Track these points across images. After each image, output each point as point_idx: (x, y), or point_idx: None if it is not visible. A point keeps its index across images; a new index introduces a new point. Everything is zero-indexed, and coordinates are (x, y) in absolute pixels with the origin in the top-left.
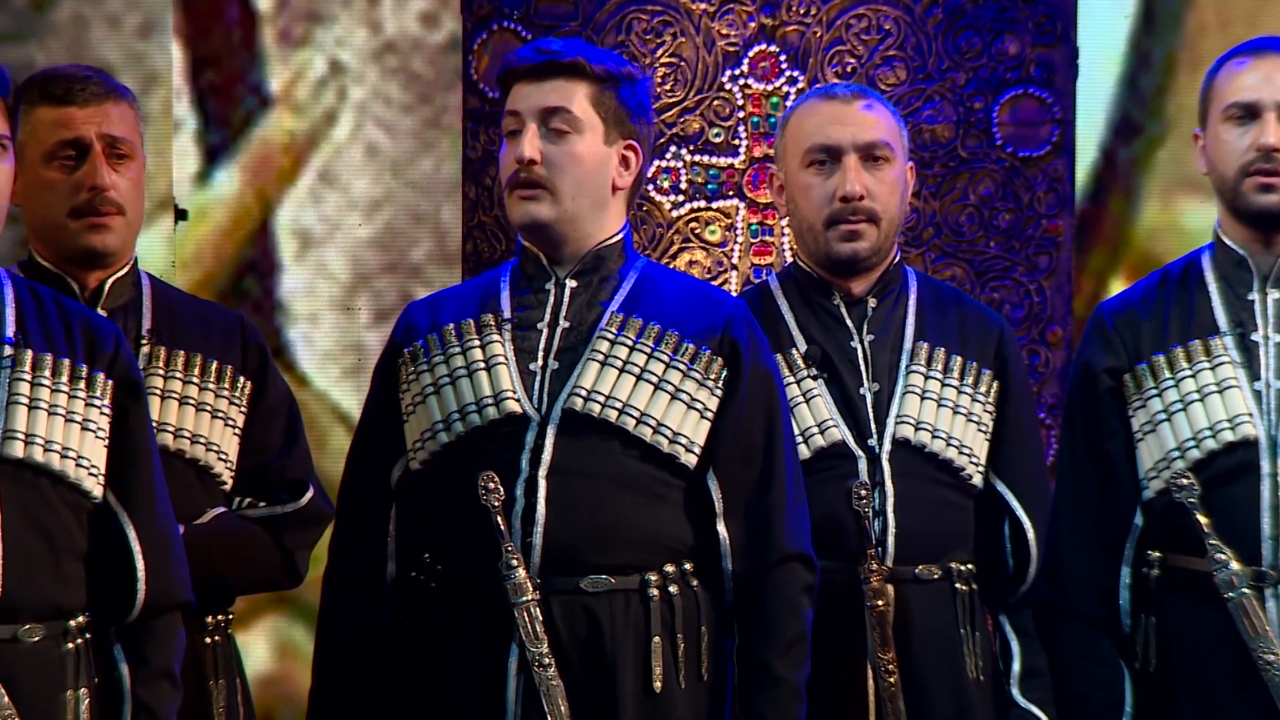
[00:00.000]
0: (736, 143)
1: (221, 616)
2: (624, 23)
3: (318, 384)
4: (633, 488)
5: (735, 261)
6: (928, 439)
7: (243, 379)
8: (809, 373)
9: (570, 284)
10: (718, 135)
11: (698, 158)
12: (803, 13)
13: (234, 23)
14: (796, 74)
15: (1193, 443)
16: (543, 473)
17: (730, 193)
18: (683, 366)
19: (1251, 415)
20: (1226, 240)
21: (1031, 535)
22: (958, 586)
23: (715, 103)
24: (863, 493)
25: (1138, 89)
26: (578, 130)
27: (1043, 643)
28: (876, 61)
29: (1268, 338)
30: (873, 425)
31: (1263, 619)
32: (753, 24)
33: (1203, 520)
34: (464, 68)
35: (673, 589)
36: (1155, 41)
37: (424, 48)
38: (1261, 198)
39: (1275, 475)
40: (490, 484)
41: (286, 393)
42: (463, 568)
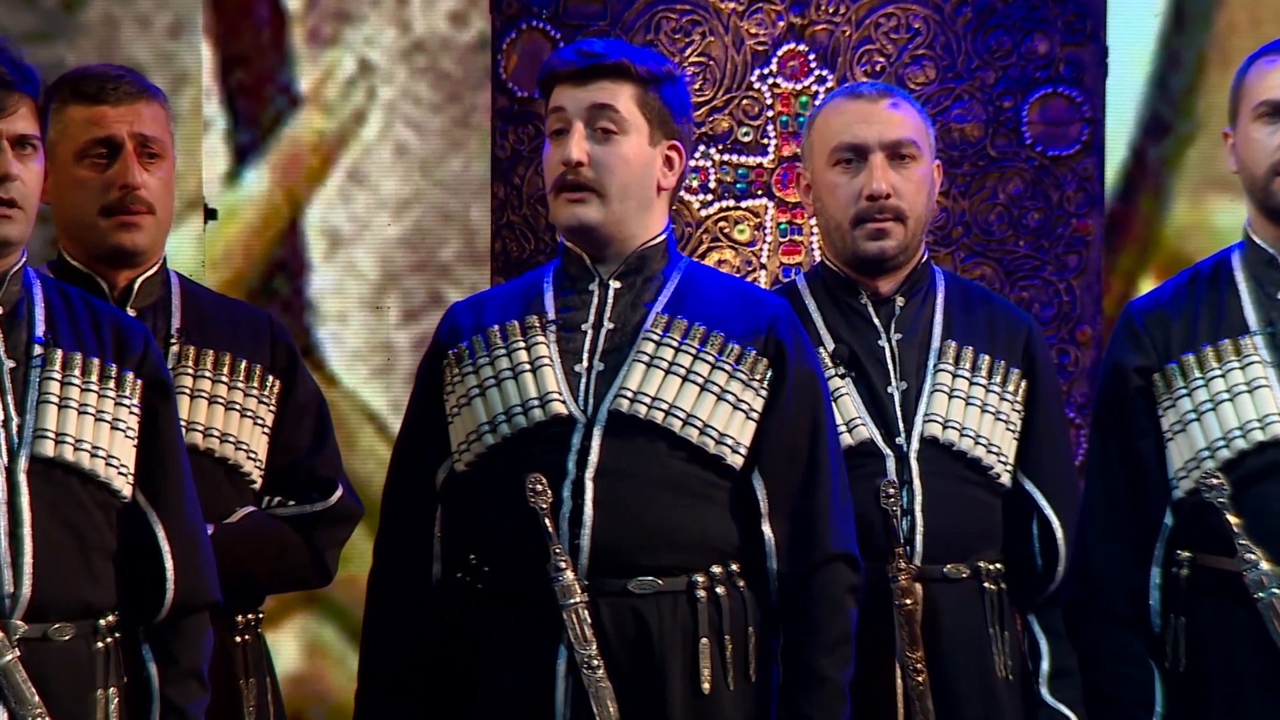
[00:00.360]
0: (765, 142)
1: (251, 615)
2: (653, 22)
3: (347, 383)
4: (679, 489)
5: (764, 261)
6: (956, 437)
7: (271, 378)
8: (837, 372)
9: (614, 285)
10: (746, 134)
11: (727, 157)
12: (832, 11)
13: (264, 22)
14: (825, 73)
15: (1223, 442)
16: (590, 474)
17: (759, 192)
18: (728, 367)
19: None
20: (1256, 239)
21: (1060, 534)
22: (986, 585)
23: (744, 102)
24: (890, 491)
25: (1167, 88)
26: (624, 131)
27: (1072, 642)
28: (906, 60)
29: None
30: (901, 424)
31: None
32: (782, 23)
33: (1233, 520)
34: (493, 67)
35: (719, 590)
36: (1185, 40)
37: (453, 47)
38: None
39: None
40: (538, 486)
41: (315, 391)
42: (510, 570)
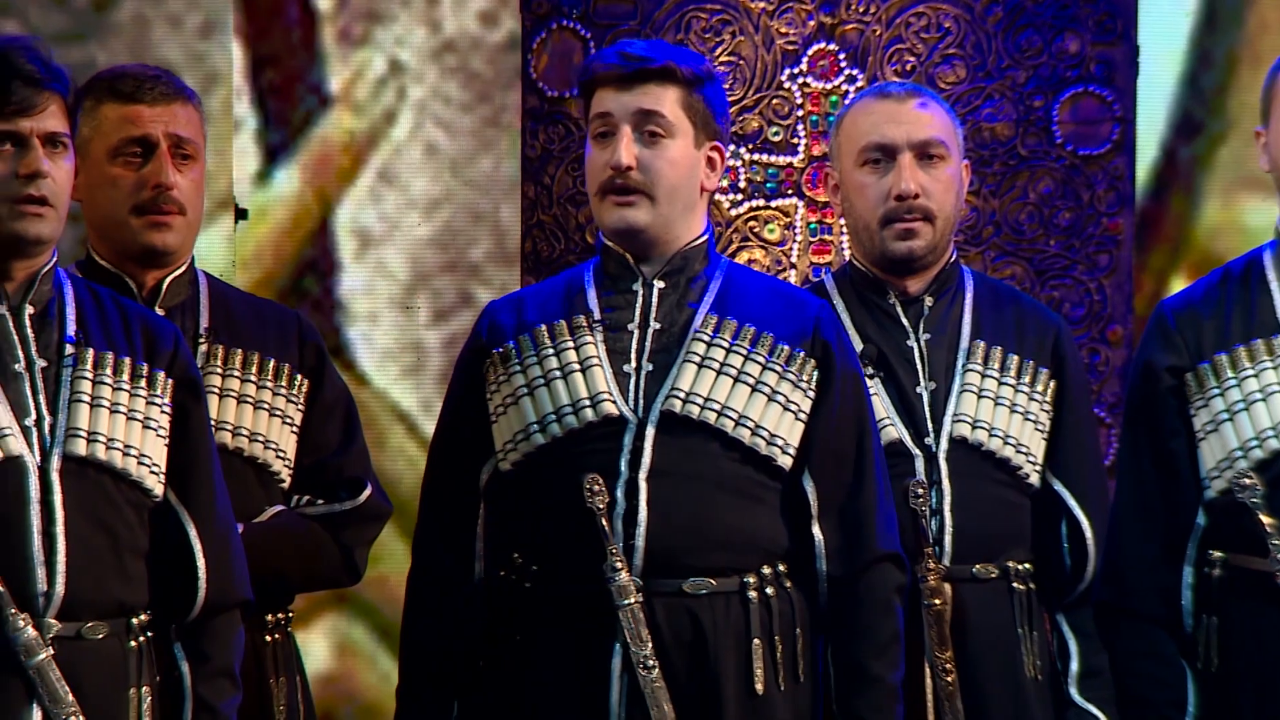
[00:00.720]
0: (795, 141)
1: (281, 615)
2: (683, 21)
3: (377, 383)
4: (731, 490)
5: (794, 260)
6: (985, 437)
7: (300, 377)
8: (865, 372)
9: (658, 285)
10: (776, 134)
11: (756, 156)
12: (862, 11)
13: (294, 22)
14: (856, 72)
15: (1255, 442)
16: (643, 475)
17: (789, 191)
18: (778, 368)
19: None
20: None
21: (1089, 535)
22: (1015, 586)
23: (774, 101)
24: (919, 491)
25: (1199, 87)
26: (670, 135)
27: (1104, 643)
28: (936, 60)
29: None
30: (930, 424)
31: None
32: (812, 22)
33: (1265, 520)
34: (523, 66)
35: (769, 591)
36: (1216, 39)
37: (483, 47)
38: None
39: None
40: (595, 486)
41: (344, 390)
42: (562, 569)
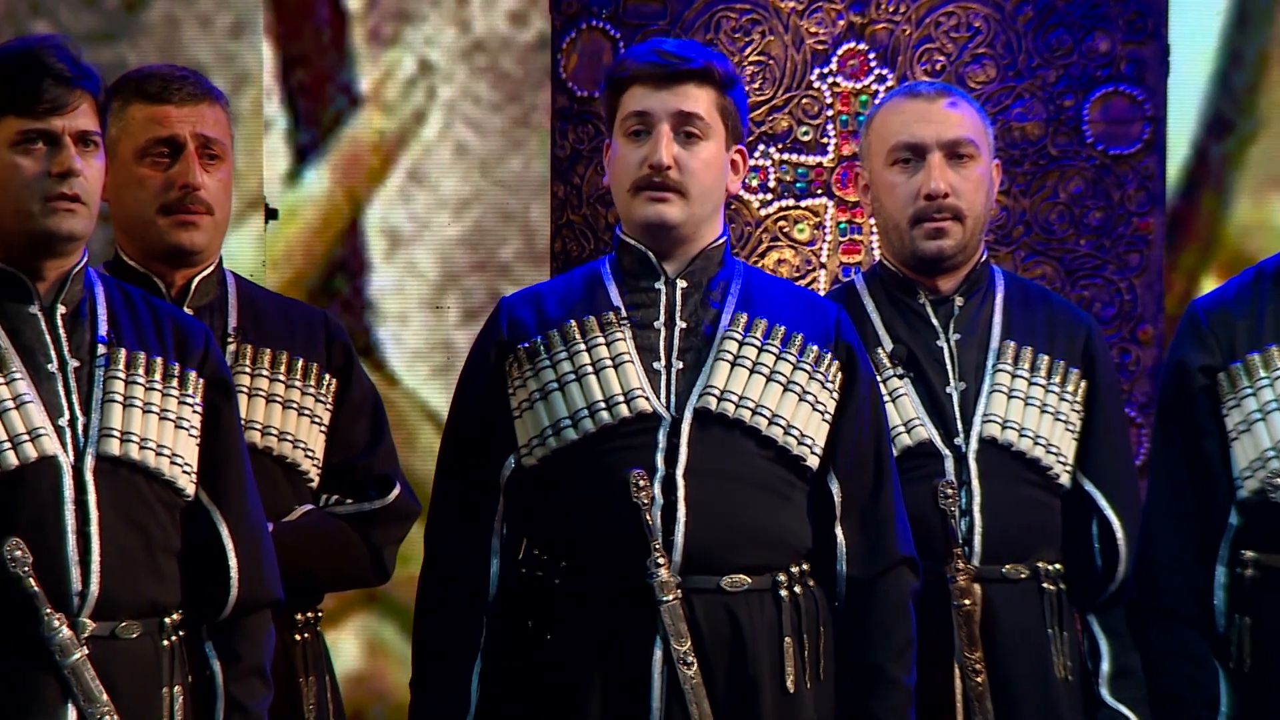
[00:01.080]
0: (825, 141)
1: (311, 614)
2: (713, 21)
3: (407, 383)
4: (762, 488)
5: (824, 260)
6: (1015, 438)
7: (328, 376)
8: (895, 372)
9: (680, 284)
10: (806, 133)
11: (786, 156)
12: (892, 10)
13: (324, 22)
14: (886, 72)
15: None
16: (680, 472)
17: (819, 191)
18: (808, 368)
19: None
20: None
21: (1120, 535)
22: (1045, 586)
23: (804, 101)
24: (949, 492)
25: (1229, 86)
26: (705, 136)
27: (1136, 643)
28: (966, 59)
29: None
30: (959, 424)
31: None
32: (842, 22)
33: None
34: (553, 66)
35: (797, 589)
36: (1247, 38)
37: (513, 46)
38: None
39: None
40: (641, 482)
41: (371, 390)
42: (598, 565)
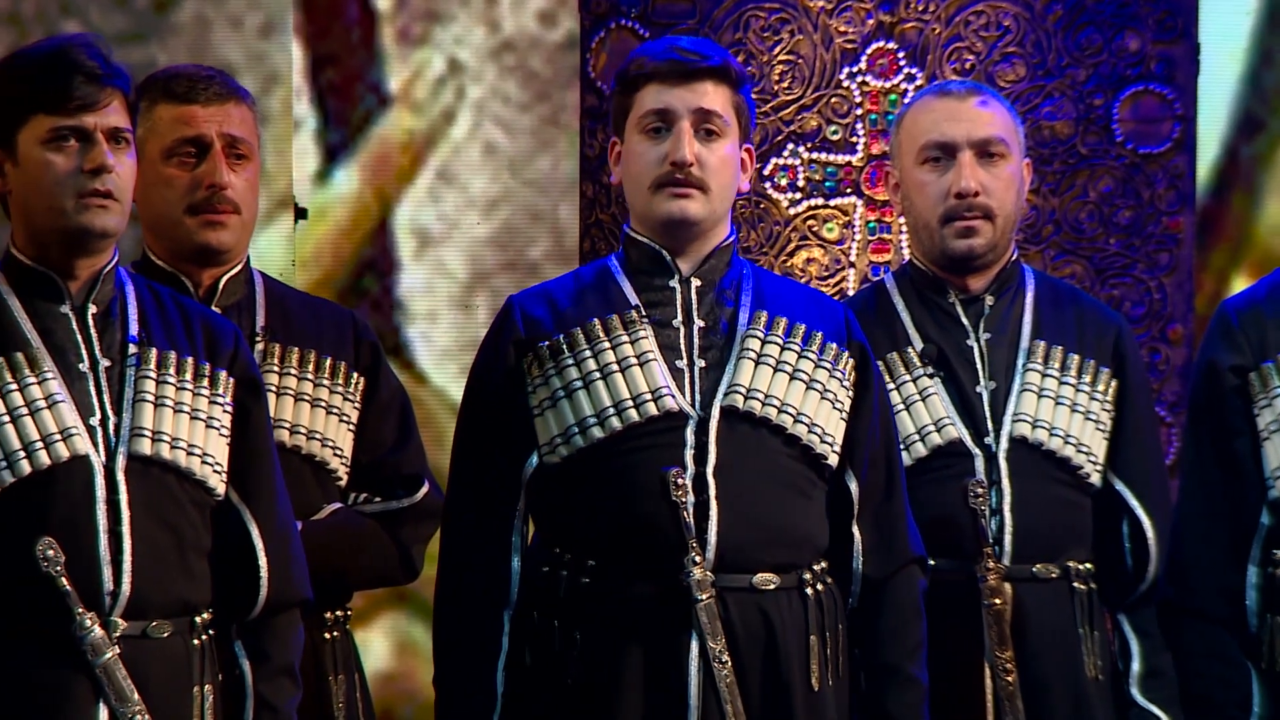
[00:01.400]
0: (854, 140)
1: (340, 612)
2: (742, 20)
3: (436, 381)
4: (787, 485)
5: (853, 259)
6: (1045, 437)
7: (356, 375)
8: (925, 371)
9: (695, 282)
10: (835, 133)
11: (815, 155)
12: (921, 9)
13: (354, 22)
14: (915, 71)
15: None
16: (710, 470)
17: (848, 190)
18: (827, 365)
19: None
20: None
21: (1151, 534)
22: (1076, 585)
23: (833, 100)
24: (979, 491)
25: (1260, 85)
26: (723, 134)
27: (1167, 642)
28: (995, 58)
29: None
30: (989, 423)
31: None
32: (871, 21)
33: None
34: (582, 66)
35: (819, 587)
36: (1277, 37)
37: (542, 46)
38: None
39: None
40: (680, 480)
41: (399, 389)
42: (630, 564)
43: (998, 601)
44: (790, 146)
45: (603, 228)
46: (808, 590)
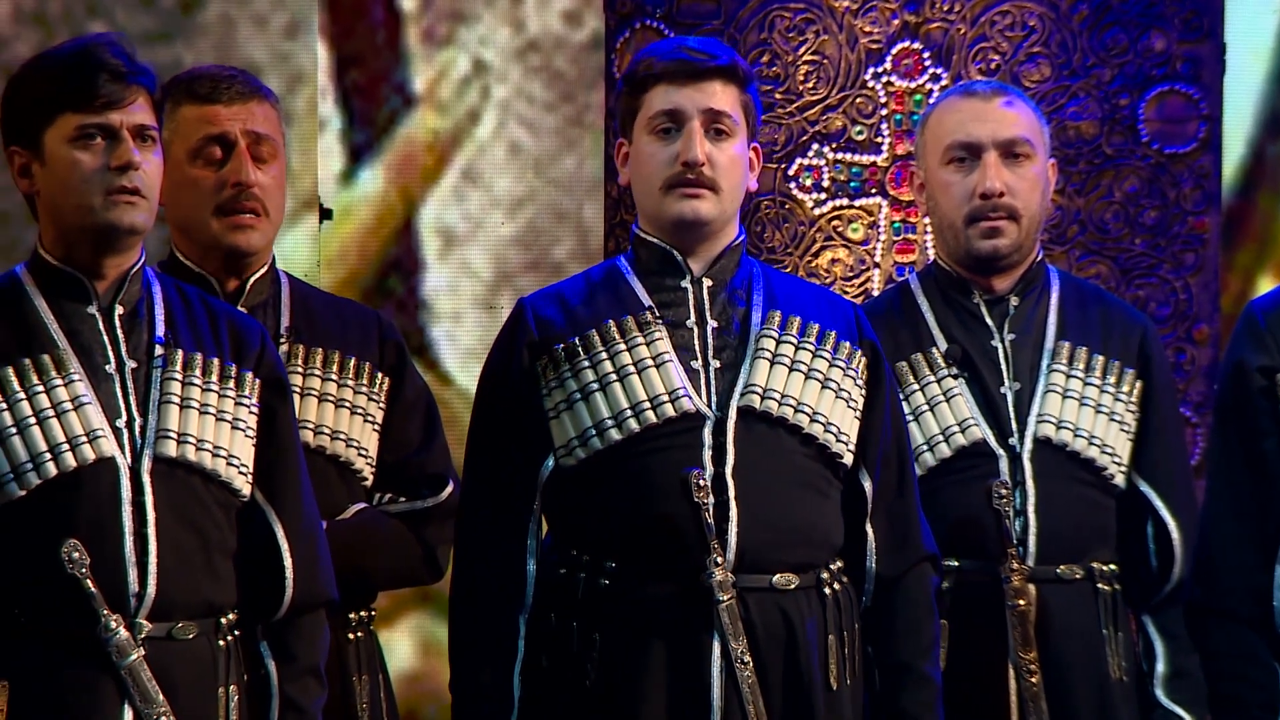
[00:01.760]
0: (879, 140)
1: (364, 612)
2: (766, 20)
3: (460, 382)
4: (805, 485)
5: (878, 260)
6: (1069, 438)
7: (381, 375)
8: (949, 371)
9: (707, 282)
10: (860, 133)
11: (840, 155)
12: (946, 9)
13: (379, 22)
14: (940, 71)
15: None
16: (729, 471)
17: (873, 190)
18: (841, 364)
19: None
20: None
21: (1176, 535)
22: (1100, 586)
23: (858, 100)
24: (1003, 492)
25: None
26: (732, 133)
27: (1194, 644)
28: (1021, 58)
29: None
30: (1014, 424)
31: None
32: (896, 21)
33: None
34: (607, 66)
35: (836, 586)
36: None
37: (567, 46)
38: None
39: None
40: (701, 482)
41: (424, 389)
42: (650, 566)
43: (1022, 603)
44: (815, 147)
45: (627, 227)
46: (825, 590)
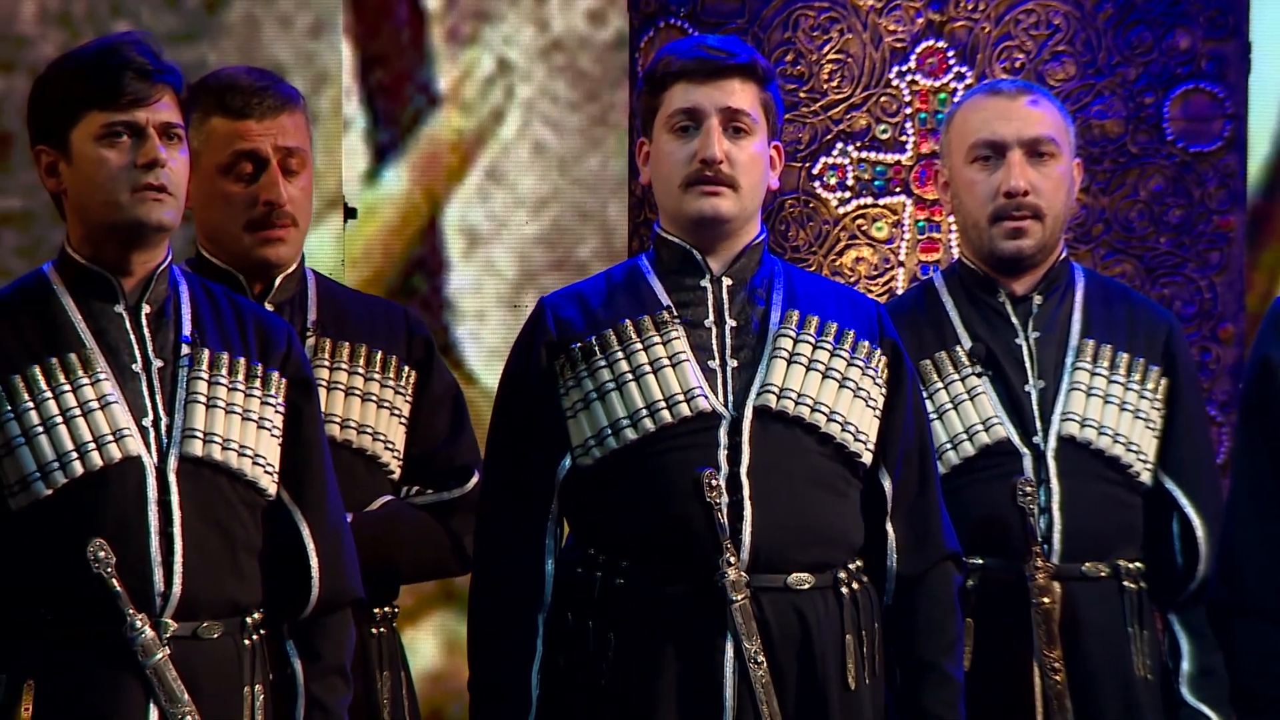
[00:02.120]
0: (904, 139)
1: (388, 609)
2: (791, 19)
3: (485, 381)
4: (822, 485)
5: (902, 258)
6: (1094, 436)
7: (407, 369)
8: (974, 370)
9: (726, 281)
10: (885, 132)
11: (865, 154)
12: (971, 8)
13: (403, 22)
14: (964, 70)
15: None
16: (744, 470)
17: (897, 189)
18: (860, 363)
19: None
20: None
21: (1201, 533)
22: (1125, 584)
23: (882, 99)
24: (1027, 490)
25: None
26: (752, 132)
27: (1219, 642)
28: (1045, 57)
29: None
30: (1038, 423)
31: None
32: (920, 20)
33: None
34: (631, 65)
35: (854, 586)
36: None
37: (591, 45)
38: None
39: None
40: (714, 481)
41: (452, 383)
42: (665, 565)
43: (1046, 600)
44: (839, 145)
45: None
46: (843, 589)
